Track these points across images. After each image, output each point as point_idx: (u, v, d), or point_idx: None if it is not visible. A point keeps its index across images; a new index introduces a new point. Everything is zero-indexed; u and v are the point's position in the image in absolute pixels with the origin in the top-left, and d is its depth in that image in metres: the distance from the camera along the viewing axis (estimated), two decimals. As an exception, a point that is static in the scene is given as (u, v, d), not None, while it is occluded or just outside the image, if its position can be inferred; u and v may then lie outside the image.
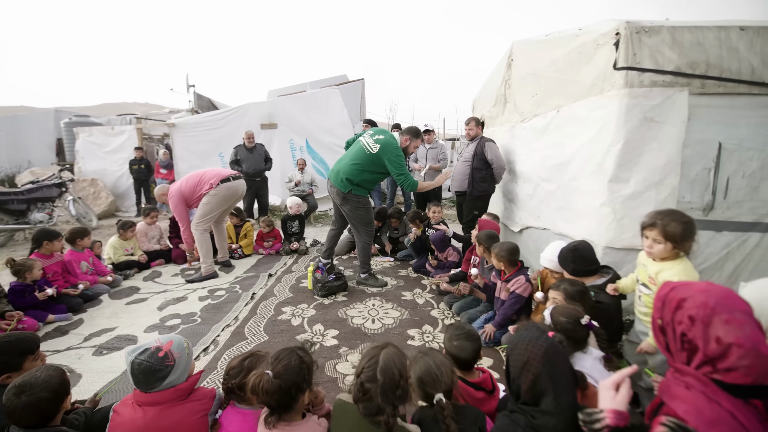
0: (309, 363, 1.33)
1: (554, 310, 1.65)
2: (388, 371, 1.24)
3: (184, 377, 1.39)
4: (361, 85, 8.56)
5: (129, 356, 1.33)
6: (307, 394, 1.32)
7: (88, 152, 8.49)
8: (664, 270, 1.73)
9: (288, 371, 1.25)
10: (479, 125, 4.46)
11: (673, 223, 1.68)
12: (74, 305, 3.21)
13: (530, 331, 1.21)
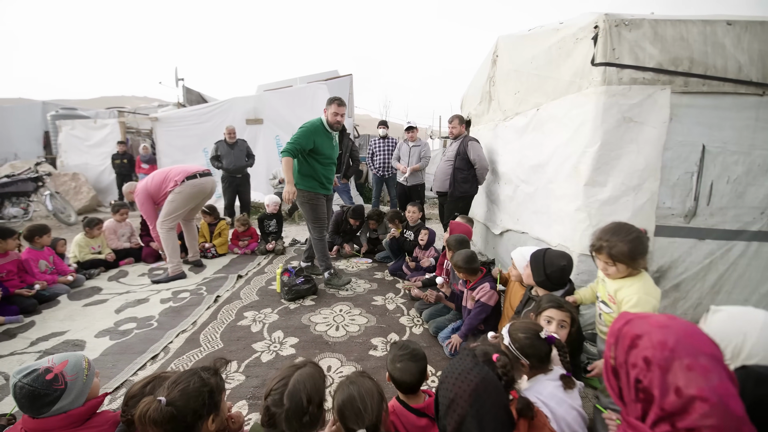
0: (214, 385, 1.17)
1: (512, 327, 1.50)
2: (295, 396, 1.10)
3: (80, 401, 1.24)
4: (350, 81, 8.37)
5: (13, 378, 1.18)
6: (214, 421, 1.17)
7: (71, 146, 8.31)
8: (622, 288, 1.59)
9: (184, 396, 1.10)
10: (463, 123, 4.31)
11: (618, 243, 1.55)
12: (28, 306, 3.05)
13: (462, 362, 1.06)
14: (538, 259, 1.97)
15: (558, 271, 1.91)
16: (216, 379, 1.20)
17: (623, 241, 1.54)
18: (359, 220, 4.69)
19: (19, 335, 2.72)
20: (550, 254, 1.99)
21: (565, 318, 1.62)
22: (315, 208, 3.54)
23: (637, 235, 1.57)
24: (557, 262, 1.92)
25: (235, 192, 6.37)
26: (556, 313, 1.64)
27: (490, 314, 2.33)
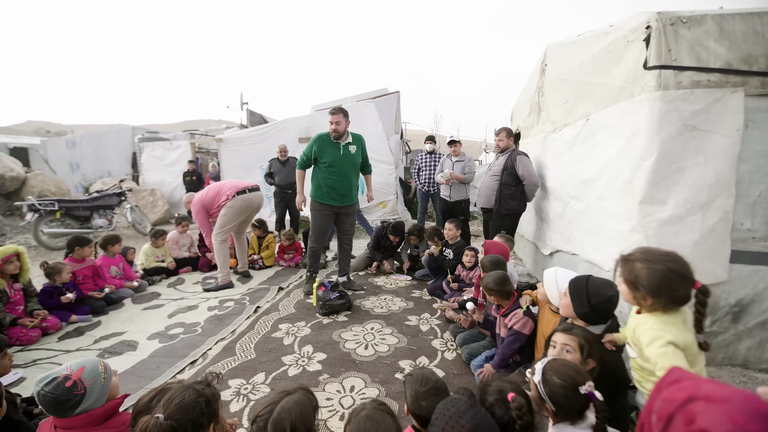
0: (209, 395, 1.18)
1: (550, 365, 1.31)
2: (278, 424, 1.06)
3: (101, 402, 1.33)
4: (397, 98, 8.48)
5: (36, 387, 1.27)
6: (215, 429, 1.18)
7: (151, 165, 9.40)
8: (639, 324, 1.33)
9: (182, 409, 1.11)
10: (511, 136, 4.10)
11: (638, 264, 1.30)
12: (97, 308, 3.43)
13: (456, 403, 0.95)
14: (580, 287, 1.74)
15: (605, 302, 1.66)
16: (210, 389, 1.21)
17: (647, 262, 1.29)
18: (399, 236, 4.64)
19: (86, 333, 3.05)
20: (595, 282, 1.75)
21: (570, 342, 1.41)
22: (316, 217, 3.75)
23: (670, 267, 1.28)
24: (604, 292, 1.67)
25: (285, 207, 6.68)
26: (560, 336, 1.44)
27: (525, 343, 2.12)
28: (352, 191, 3.78)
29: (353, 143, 3.66)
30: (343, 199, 3.71)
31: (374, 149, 8.04)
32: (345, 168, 3.63)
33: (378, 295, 3.79)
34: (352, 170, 3.69)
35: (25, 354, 2.70)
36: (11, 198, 7.32)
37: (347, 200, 3.75)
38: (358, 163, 3.74)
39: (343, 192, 3.68)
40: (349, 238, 3.92)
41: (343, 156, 3.61)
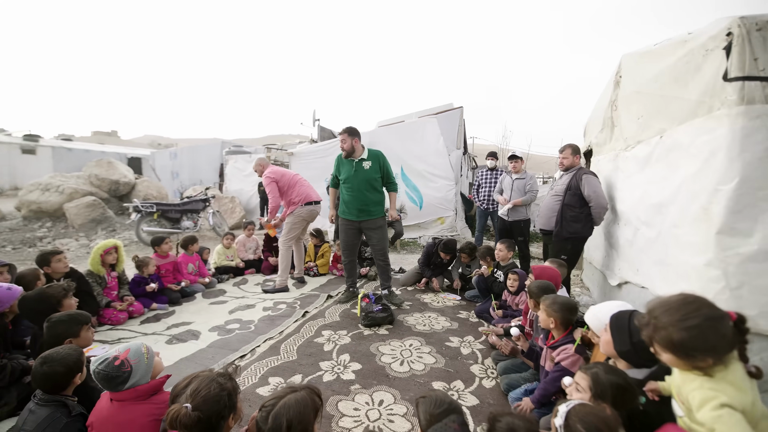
0: (230, 389, 1.29)
1: (576, 411, 1.19)
2: (277, 418, 1.12)
3: (146, 379, 1.52)
4: (460, 113, 8.39)
5: (92, 366, 1.50)
6: (233, 419, 1.29)
7: (233, 175, 10.51)
8: (686, 382, 1.11)
9: (207, 401, 1.23)
10: (577, 154, 3.81)
11: (669, 328, 1.10)
12: (174, 298, 3.91)
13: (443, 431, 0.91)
14: (621, 322, 1.55)
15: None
16: (231, 383, 1.32)
17: (676, 325, 1.08)
18: (450, 253, 4.54)
19: (162, 320, 3.49)
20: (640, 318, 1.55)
21: (581, 381, 1.24)
22: (341, 231, 3.96)
23: (705, 321, 1.07)
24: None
25: (343, 218, 6.97)
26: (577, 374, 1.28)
27: (569, 381, 1.92)
28: (369, 207, 3.75)
29: (368, 159, 3.73)
30: (360, 214, 3.76)
31: (434, 164, 8.07)
32: (358, 184, 3.72)
33: (423, 312, 3.73)
34: (365, 186, 3.71)
35: (113, 332, 3.19)
36: (123, 200, 8.73)
37: (365, 215, 3.77)
38: (373, 178, 3.73)
39: (359, 207, 3.74)
40: (380, 253, 3.89)
41: (355, 172, 3.73)
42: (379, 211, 3.81)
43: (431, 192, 8.19)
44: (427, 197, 8.22)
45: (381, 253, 3.91)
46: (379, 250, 3.90)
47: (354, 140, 3.71)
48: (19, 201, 8.14)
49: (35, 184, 8.11)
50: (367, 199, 3.73)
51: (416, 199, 8.37)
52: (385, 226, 3.93)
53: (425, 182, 8.24)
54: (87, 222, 7.80)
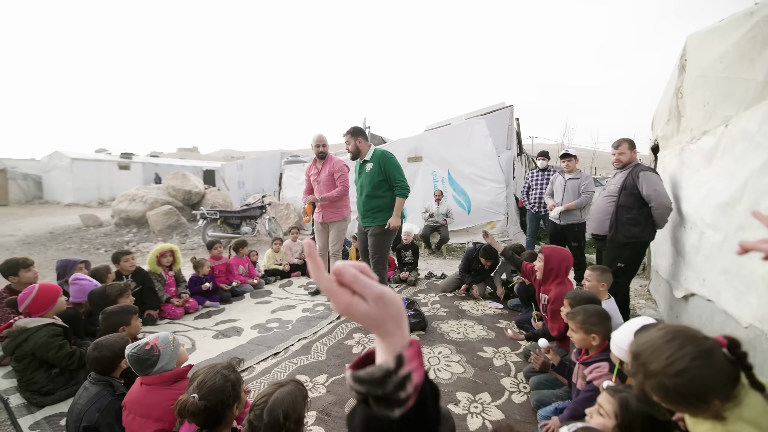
0: (234, 380, 1.37)
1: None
2: (273, 412, 1.17)
3: (171, 366, 1.67)
4: (510, 112, 7.98)
5: (126, 350, 1.68)
6: (237, 407, 1.38)
7: (289, 183, 11.15)
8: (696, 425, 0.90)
9: (213, 392, 1.32)
10: (634, 149, 3.44)
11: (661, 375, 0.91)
12: (225, 297, 4.24)
13: None
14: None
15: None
16: (235, 374, 1.40)
17: (665, 371, 0.89)
18: (492, 260, 4.34)
19: (213, 316, 3.81)
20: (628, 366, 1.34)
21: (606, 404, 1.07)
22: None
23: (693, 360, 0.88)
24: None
25: (388, 223, 7.02)
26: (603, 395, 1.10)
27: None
28: (371, 212, 3.56)
29: (370, 161, 3.53)
30: (363, 219, 3.67)
31: (483, 167, 7.80)
32: (362, 187, 3.62)
33: (459, 320, 3.60)
34: (366, 188, 3.56)
35: (170, 326, 3.54)
36: (194, 208, 9.71)
37: (368, 220, 3.61)
38: (376, 182, 3.50)
39: (362, 211, 3.64)
40: (374, 264, 3.59)
41: (359, 175, 3.66)
42: (382, 218, 3.54)
43: (480, 196, 7.91)
44: (475, 201, 7.96)
45: (374, 263, 3.62)
46: (373, 260, 3.63)
47: (358, 140, 3.55)
48: (113, 210, 9.47)
49: (124, 196, 9.38)
50: (367, 204, 3.57)
51: (464, 204, 8.15)
52: (383, 235, 3.59)
53: (474, 186, 8.00)
54: (164, 228, 8.81)
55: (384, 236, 3.57)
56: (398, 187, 3.52)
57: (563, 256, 2.87)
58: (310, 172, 4.23)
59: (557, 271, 2.83)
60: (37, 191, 19.38)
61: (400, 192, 3.53)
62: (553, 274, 2.84)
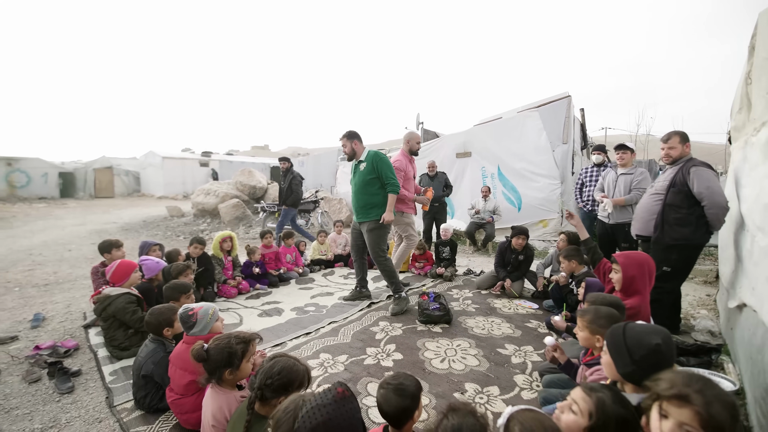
0: (235, 351, 1.62)
1: (518, 414, 1.09)
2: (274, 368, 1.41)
3: (205, 331, 2.00)
4: (567, 103, 7.46)
5: (179, 311, 2.05)
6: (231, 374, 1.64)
7: (342, 179, 11.67)
8: None
9: (215, 351, 1.60)
10: (686, 142, 3.13)
11: (716, 403, 0.90)
12: (273, 282, 4.70)
13: (325, 395, 1.02)
14: (617, 339, 1.31)
15: (650, 355, 1.22)
16: (242, 346, 1.64)
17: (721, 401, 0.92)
18: (521, 236, 4.25)
19: (261, 298, 4.26)
20: (635, 330, 1.29)
21: (580, 402, 1.07)
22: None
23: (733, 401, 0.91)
24: (647, 341, 1.24)
25: (432, 218, 7.07)
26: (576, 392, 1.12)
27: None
28: (363, 209, 3.78)
29: (364, 161, 3.74)
30: (357, 215, 3.88)
31: (535, 162, 7.45)
32: (356, 185, 3.82)
33: (487, 317, 3.60)
34: (360, 187, 3.76)
35: (225, 303, 4.05)
36: (258, 201, 10.65)
37: (360, 217, 3.83)
38: (368, 180, 3.71)
39: (355, 208, 3.86)
40: (375, 259, 3.80)
41: (354, 174, 3.83)
42: (374, 214, 3.72)
43: (532, 192, 7.58)
44: (526, 198, 7.65)
45: (375, 258, 3.80)
46: (373, 255, 3.81)
47: (353, 143, 3.78)
48: (192, 202, 10.78)
49: (201, 190, 10.62)
50: (360, 201, 3.79)
51: (514, 201, 7.88)
52: (376, 231, 3.74)
53: (525, 182, 7.68)
54: (233, 219, 9.82)
55: (378, 230, 3.77)
56: (389, 185, 3.71)
57: (641, 261, 2.31)
58: (408, 167, 4.37)
59: (641, 280, 2.28)
60: (136, 185, 22.63)
61: (391, 189, 3.72)
62: (635, 284, 2.27)
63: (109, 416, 2.11)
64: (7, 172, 17.10)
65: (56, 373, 2.45)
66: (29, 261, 5.89)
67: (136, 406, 2.16)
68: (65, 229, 9.45)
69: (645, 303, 2.13)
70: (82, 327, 3.34)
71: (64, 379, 2.40)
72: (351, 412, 1.02)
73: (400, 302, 3.72)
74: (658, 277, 3.01)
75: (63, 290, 4.43)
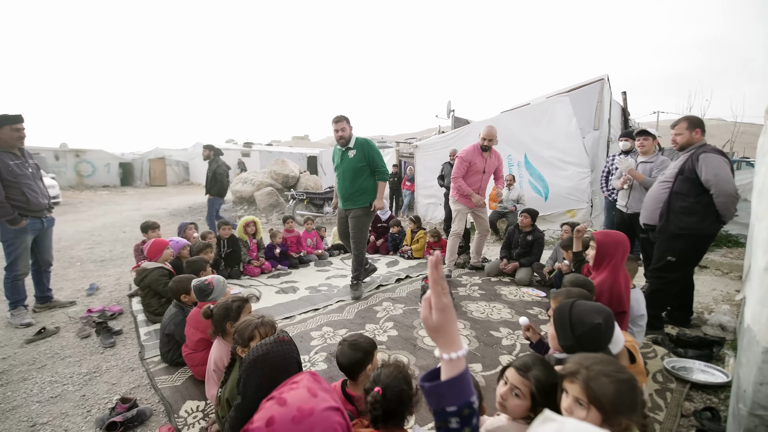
0: (233, 306, 1.91)
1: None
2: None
3: (218, 298, 2.31)
4: (600, 87, 7.03)
5: (193, 283, 2.37)
6: (232, 325, 1.90)
7: (370, 167, 11.91)
8: None
9: (218, 309, 1.89)
10: (696, 128, 2.97)
11: (602, 378, 0.99)
12: (293, 263, 5.05)
13: (271, 339, 1.24)
14: (562, 315, 1.40)
15: (590, 332, 1.30)
16: (238, 303, 1.92)
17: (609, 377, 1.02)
18: (530, 216, 4.29)
19: (281, 278, 4.61)
20: (581, 308, 1.37)
21: (521, 386, 1.18)
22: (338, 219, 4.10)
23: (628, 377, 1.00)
24: (589, 320, 1.31)
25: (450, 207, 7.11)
26: (513, 375, 1.22)
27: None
28: (353, 195, 3.80)
29: (353, 148, 3.73)
30: (345, 202, 3.89)
31: (564, 149, 7.21)
32: (344, 172, 3.79)
33: (490, 302, 3.68)
34: (350, 174, 3.75)
35: (249, 281, 4.45)
36: (290, 189, 11.18)
37: (349, 204, 3.85)
38: (358, 167, 3.72)
39: (343, 195, 3.84)
40: (355, 241, 3.90)
41: (342, 161, 3.80)
42: (363, 200, 3.81)
43: (560, 181, 7.35)
44: (554, 187, 7.44)
45: (355, 242, 3.90)
46: (354, 239, 3.90)
47: (350, 127, 3.77)
48: (231, 190, 11.53)
49: (239, 178, 11.33)
50: (351, 188, 3.78)
51: (541, 190, 7.69)
52: (362, 217, 3.85)
53: (553, 170, 7.46)
54: (267, 206, 10.42)
55: (365, 217, 3.88)
56: (380, 173, 3.81)
57: (618, 241, 2.38)
58: (475, 160, 4.38)
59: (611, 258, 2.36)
60: (186, 175, 24.36)
61: (381, 177, 3.82)
62: (606, 261, 2.39)
63: (139, 367, 2.50)
64: (75, 162, 19.15)
65: (102, 331, 2.92)
66: (90, 240, 6.73)
67: (162, 359, 2.55)
68: (122, 213, 10.55)
69: (617, 281, 2.14)
70: (127, 296, 3.86)
71: (108, 336, 2.86)
72: (286, 352, 1.23)
73: (358, 288, 3.89)
74: (662, 267, 2.97)
75: (115, 266, 5.07)
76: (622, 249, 2.20)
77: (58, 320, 3.26)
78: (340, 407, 0.92)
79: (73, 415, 2.00)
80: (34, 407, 2.06)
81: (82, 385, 2.29)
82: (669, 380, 2.32)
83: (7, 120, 3.06)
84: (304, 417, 0.81)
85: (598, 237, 2.26)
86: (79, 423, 1.94)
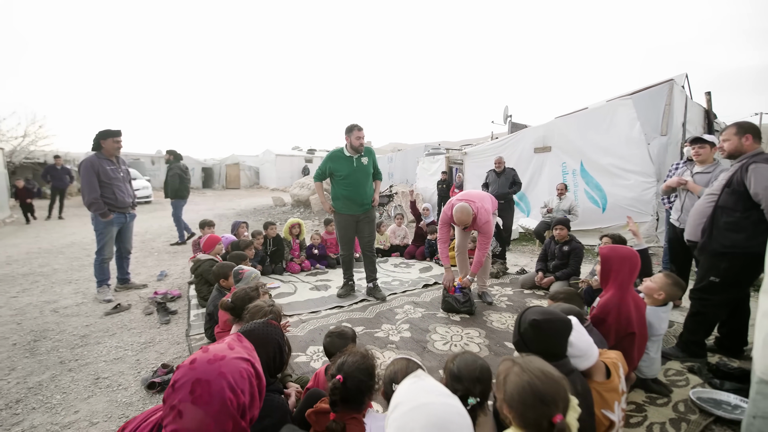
0: (252, 295, 2.17)
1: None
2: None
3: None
4: (668, 88, 6.33)
5: (234, 270, 2.74)
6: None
7: (420, 175, 11.99)
8: None
9: (236, 297, 2.18)
10: (746, 134, 2.63)
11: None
12: (331, 263, 5.38)
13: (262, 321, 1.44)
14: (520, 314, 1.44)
15: (528, 329, 1.35)
16: (255, 292, 2.20)
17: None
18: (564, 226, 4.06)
19: (318, 276, 4.96)
20: (531, 309, 1.39)
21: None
22: (340, 227, 4.04)
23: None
24: (529, 318, 1.36)
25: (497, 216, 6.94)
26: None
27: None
28: (366, 200, 3.94)
29: (364, 155, 3.84)
30: (360, 207, 3.93)
31: (625, 156, 6.68)
32: (359, 179, 3.83)
33: (514, 314, 3.60)
34: (364, 180, 3.83)
35: (289, 277, 4.86)
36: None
37: (362, 208, 3.95)
38: (370, 173, 3.93)
39: (360, 202, 3.86)
40: (369, 245, 4.08)
41: (356, 168, 3.81)
42: (370, 203, 4.00)
43: (620, 191, 6.79)
44: (613, 197, 6.89)
45: (369, 246, 4.09)
46: (368, 243, 4.08)
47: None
48: (290, 194, 12.46)
49: (297, 183, 12.20)
50: (366, 193, 3.91)
51: (598, 200, 7.16)
52: (375, 219, 4.12)
53: (612, 179, 6.92)
54: (319, 210, 11.07)
55: (375, 220, 4.17)
56: (379, 173, 4.14)
57: (624, 256, 2.34)
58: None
59: (617, 274, 2.35)
60: (256, 179, 26.67)
61: (379, 177, 4.14)
62: (612, 277, 2.45)
63: (184, 341, 2.95)
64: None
65: (161, 310, 3.47)
66: (169, 235, 7.81)
67: (205, 335, 2.97)
68: (199, 213, 11.97)
69: (624, 301, 2.03)
70: (187, 283, 4.48)
71: (165, 315, 3.39)
72: (271, 332, 1.44)
73: (346, 288, 4.12)
74: (704, 288, 2.70)
75: (185, 257, 5.86)
76: (629, 265, 2.09)
77: (132, 299, 3.93)
78: (251, 359, 1.12)
79: (127, 374, 2.45)
80: (100, 365, 2.57)
81: (138, 351, 2.78)
82: (692, 411, 2.12)
83: (110, 134, 3.83)
84: (216, 360, 1.03)
85: (603, 251, 2.18)
86: (130, 380, 2.38)
